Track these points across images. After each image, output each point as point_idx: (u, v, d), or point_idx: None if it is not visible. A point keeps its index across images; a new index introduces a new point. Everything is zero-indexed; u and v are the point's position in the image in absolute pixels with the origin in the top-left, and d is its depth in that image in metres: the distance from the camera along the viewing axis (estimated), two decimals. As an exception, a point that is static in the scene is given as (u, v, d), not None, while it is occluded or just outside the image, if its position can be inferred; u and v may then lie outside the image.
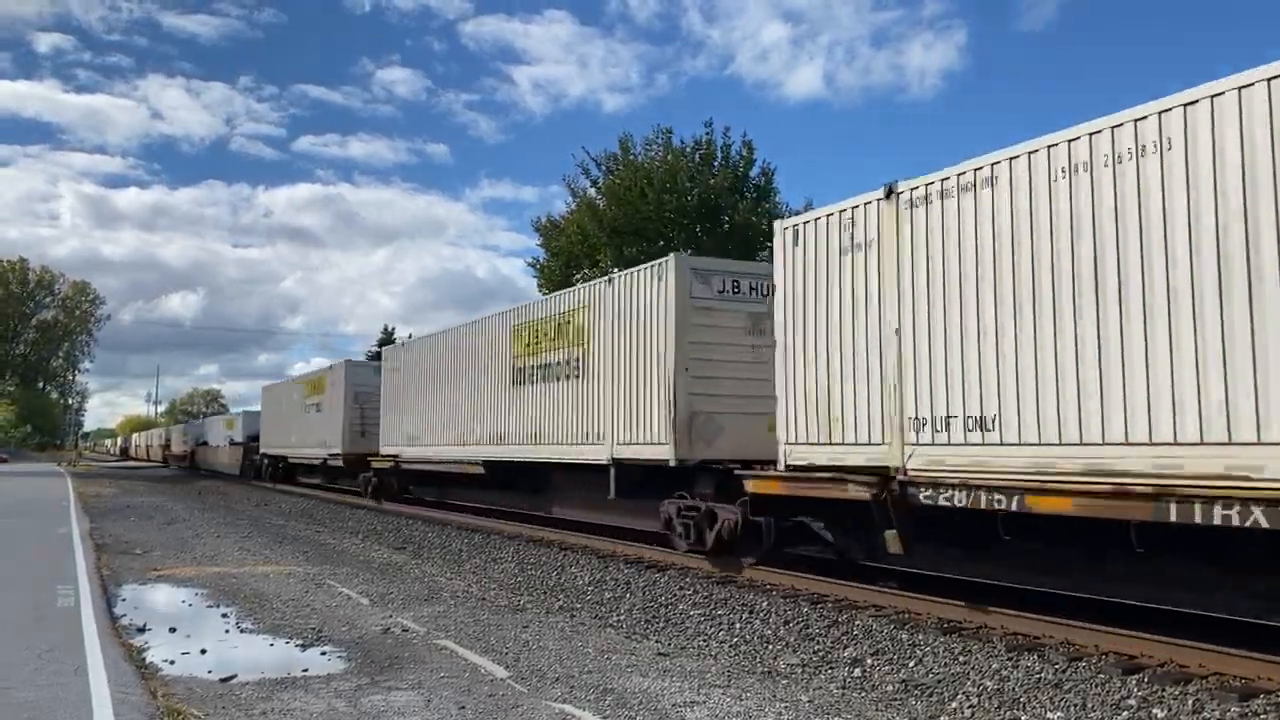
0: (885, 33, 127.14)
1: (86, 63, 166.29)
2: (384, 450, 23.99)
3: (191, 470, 58.12)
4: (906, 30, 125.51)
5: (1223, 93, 6.66)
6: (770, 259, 11.23)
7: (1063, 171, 7.69)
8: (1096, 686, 6.84)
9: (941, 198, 8.75)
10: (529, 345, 16.58)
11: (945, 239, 8.70)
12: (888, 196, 9.30)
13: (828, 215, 10.07)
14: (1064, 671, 7.23)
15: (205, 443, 56.62)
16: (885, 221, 9.31)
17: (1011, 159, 8.12)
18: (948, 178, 8.72)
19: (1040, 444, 7.72)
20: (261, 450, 39.14)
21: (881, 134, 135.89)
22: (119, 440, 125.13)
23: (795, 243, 10.49)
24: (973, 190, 8.45)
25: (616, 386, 13.96)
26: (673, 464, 12.50)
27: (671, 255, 13.01)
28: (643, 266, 13.62)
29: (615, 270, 33.08)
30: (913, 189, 9.05)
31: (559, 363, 15.54)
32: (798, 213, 33.70)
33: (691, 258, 13.08)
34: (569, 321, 15.28)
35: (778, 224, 11.06)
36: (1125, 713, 6.32)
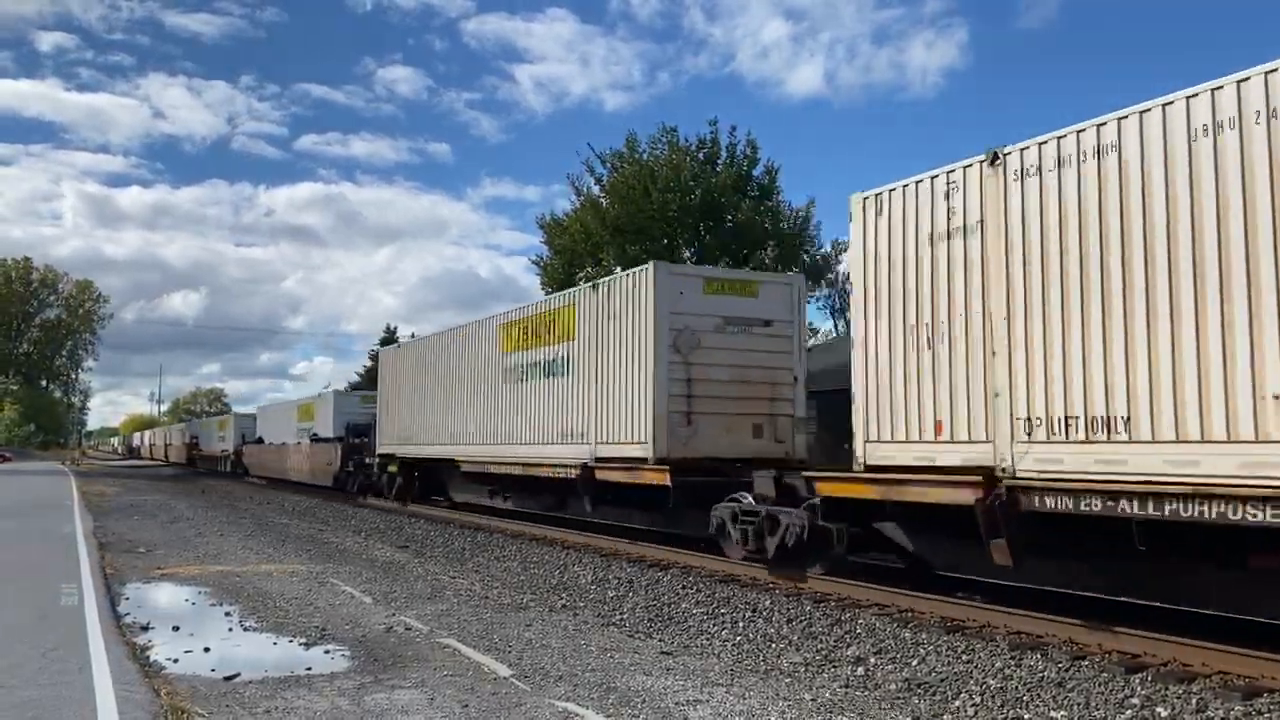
0: (886, 30, 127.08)
1: (88, 61, 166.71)
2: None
3: (235, 476, 45.45)
4: (908, 28, 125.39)
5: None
6: (774, 263, 10.86)
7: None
8: (1100, 685, 6.84)
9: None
10: None
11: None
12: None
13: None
14: (1067, 670, 7.22)
15: (260, 440, 44.10)
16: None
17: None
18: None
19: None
20: (381, 450, 25.06)
21: (883, 132, 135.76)
22: (127, 438, 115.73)
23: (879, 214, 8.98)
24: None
25: None
26: None
27: None
28: None
29: (618, 269, 32.99)
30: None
31: None
32: (799, 211, 33.76)
33: None
34: None
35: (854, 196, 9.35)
36: (1129, 711, 6.32)
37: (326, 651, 8.08)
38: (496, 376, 18.30)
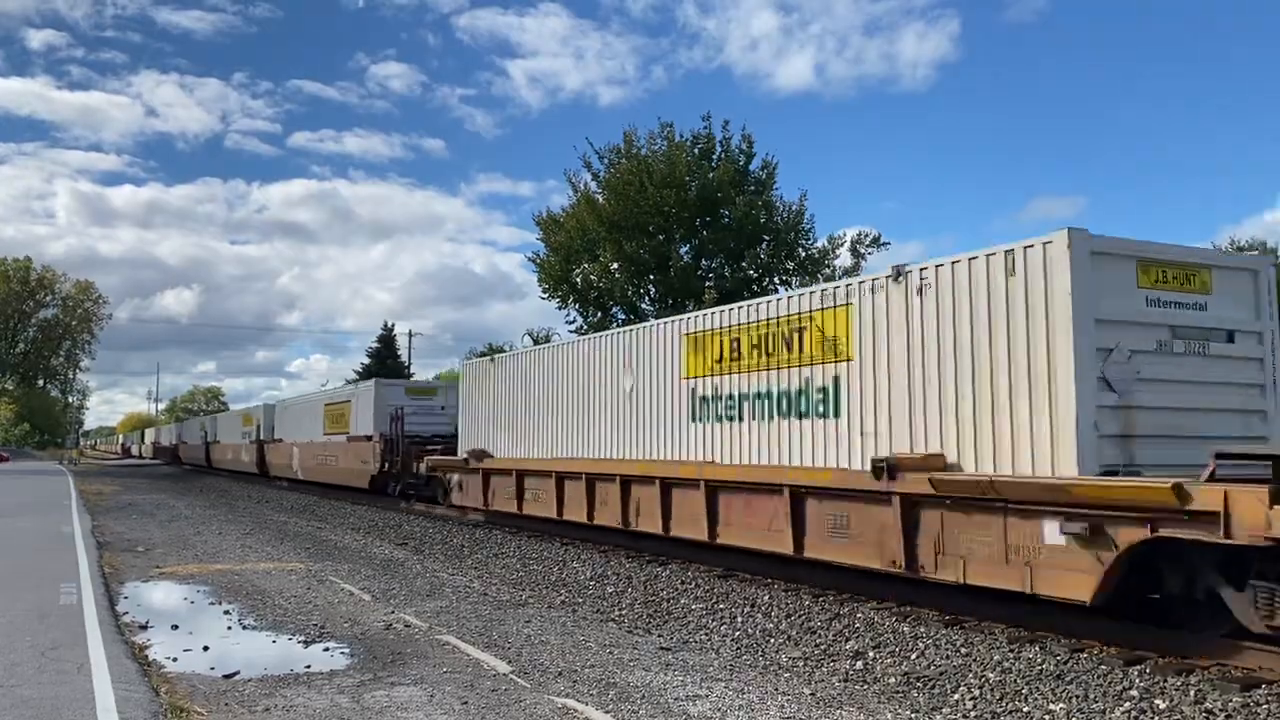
0: (877, 22, 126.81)
1: (80, 59, 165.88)
2: None
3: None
4: (899, 20, 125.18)
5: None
6: (769, 259, 11.76)
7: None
8: (1098, 678, 6.85)
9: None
10: None
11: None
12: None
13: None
14: (1066, 663, 7.23)
15: None
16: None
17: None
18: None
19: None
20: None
21: (878, 124, 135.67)
22: (151, 435, 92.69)
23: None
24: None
25: None
26: None
27: None
28: None
29: (615, 266, 32.90)
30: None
31: None
32: (792, 205, 33.75)
33: None
34: None
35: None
36: (1127, 704, 6.33)
37: (326, 649, 8.09)
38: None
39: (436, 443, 23.91)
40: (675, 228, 33.18)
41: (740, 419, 11.70)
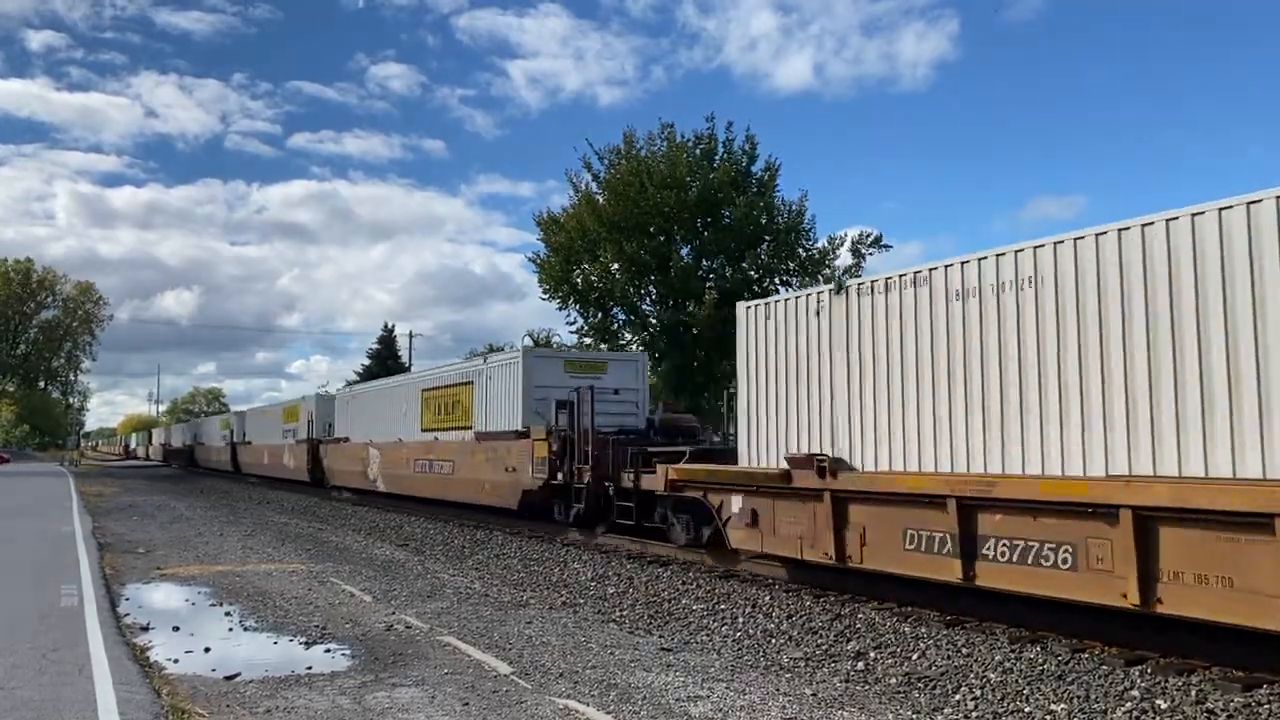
0: (877, 22, 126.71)
1: (79, 60, 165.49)
2: None
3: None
4: (898, 19, 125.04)
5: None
6: (769, 259, 10.41)
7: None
8: (1100, 678, 6.85)
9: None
10: None
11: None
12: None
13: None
14: (1067, 663, 7.24)
15: None
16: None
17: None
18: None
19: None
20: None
21: (878, 124, 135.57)
22: (160, 436, 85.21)
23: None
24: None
25: None
26: None
27: None
28: None
29: (616, 266, 32.94)
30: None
31: None
32: (792, 205, 33.72)
33: None
34: None
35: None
36: (1129, 704, 6.33)
37: (327, 650, 8.09)
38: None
39: (625, 441, 16.05)
40: (676, 228, 33.19)
41: None
